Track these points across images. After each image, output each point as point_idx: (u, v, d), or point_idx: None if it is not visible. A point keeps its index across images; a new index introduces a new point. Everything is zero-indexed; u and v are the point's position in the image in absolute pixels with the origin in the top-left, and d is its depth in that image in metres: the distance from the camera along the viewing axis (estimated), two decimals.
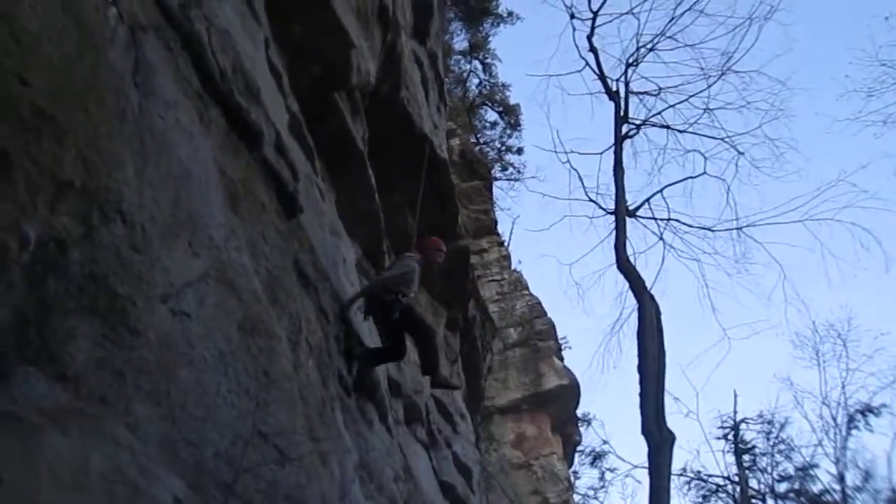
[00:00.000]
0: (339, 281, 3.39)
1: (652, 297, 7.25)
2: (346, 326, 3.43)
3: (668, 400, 6.98)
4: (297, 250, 2.79)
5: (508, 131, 16.66)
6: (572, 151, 10.34)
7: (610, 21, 10.65)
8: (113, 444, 1.35)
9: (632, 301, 7.60)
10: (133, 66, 1.69)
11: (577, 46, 10.16)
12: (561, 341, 15.28)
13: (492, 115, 16.99)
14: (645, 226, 9.55)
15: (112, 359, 1.41)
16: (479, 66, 16.53)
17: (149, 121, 1.70)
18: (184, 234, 1.78)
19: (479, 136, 16.16)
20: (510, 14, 16.34)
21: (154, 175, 1.69)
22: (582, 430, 15.66)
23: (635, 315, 7.34)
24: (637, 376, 6.91)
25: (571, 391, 14.18)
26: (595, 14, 9.93)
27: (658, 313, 7.12)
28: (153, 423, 1.50)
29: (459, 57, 15.90)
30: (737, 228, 9.31)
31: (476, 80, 16.77)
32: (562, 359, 14.89)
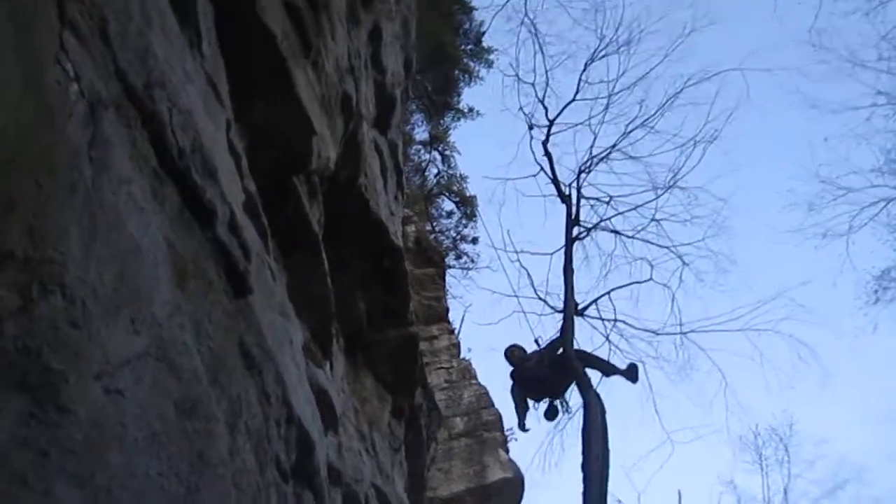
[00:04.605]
0: (285, 363, 3.33)
1: (598, 395, 7.31)
2: None
3: (611, 501, 6.95)
4: (244, 331, 2.75)
5: (464, 221, 16.98)
6: (522, 251, 10.70)
7: (564, 130, 11.21)
8: None
9: (577, 398, 7.66)
10: (89, 141, 1.69)
11: (532, 152, 10.64)
12: (507, 433, 15.13)
13: (449, 205, 17.32)
14: (592, 326, 9.77)
15: (36, 437, 1.35)
16: (439, 157, 16.95)
17: (100, 195, 1.69)
18: (126, 310, 1.74)
19: (434, 224, 16.39)
20: (471, 110, 16.91)
21: (101, 249, 1.67)
22: None
23: (580, 413, 7.39)
24: (580, 475, 6.87)
25: (515, 485, 13.96)
26: (551, 123, 10.44)
27: (604, 412, 7.16)
28: None
29: (419, 147, 16.29)
30: (681, 333, 9.59)
31: (434, 170, 17.14)
32: (507, 451, 14.70)
